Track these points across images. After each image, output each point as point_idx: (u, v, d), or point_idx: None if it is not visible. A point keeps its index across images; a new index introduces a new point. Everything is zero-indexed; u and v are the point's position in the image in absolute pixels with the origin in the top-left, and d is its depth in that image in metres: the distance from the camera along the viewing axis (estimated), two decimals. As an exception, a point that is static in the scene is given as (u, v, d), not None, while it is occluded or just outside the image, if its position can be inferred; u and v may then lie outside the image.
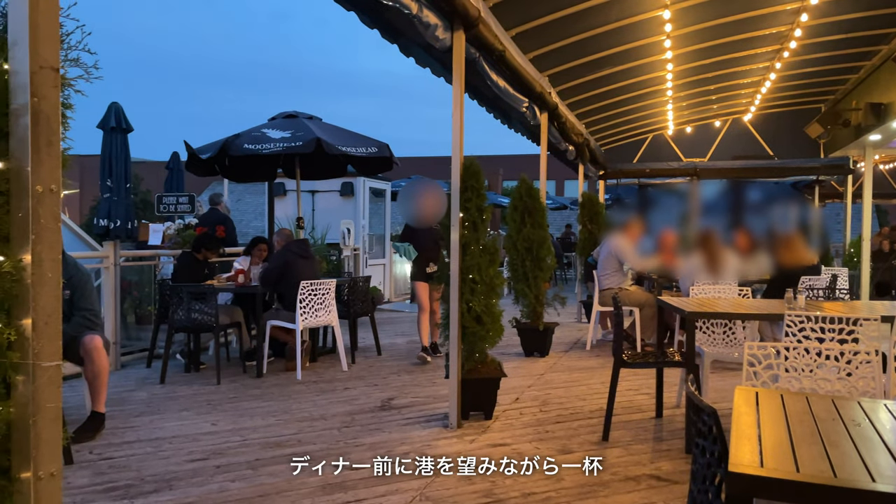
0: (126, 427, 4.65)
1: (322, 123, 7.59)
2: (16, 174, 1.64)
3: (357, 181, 11.71)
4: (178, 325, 6.35)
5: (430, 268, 6.94)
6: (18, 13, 1.63)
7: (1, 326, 1.59)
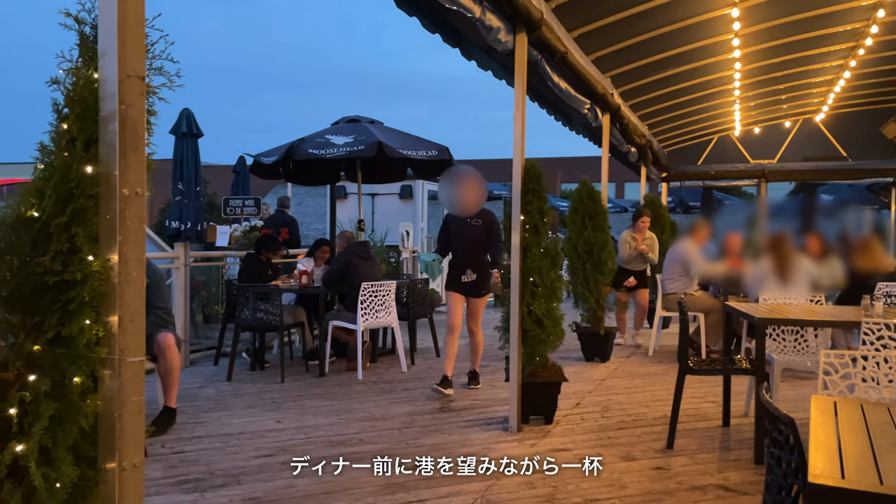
0: (196, 422, 4.81)
1: (383, 127, 7.70)
2: (105, 178, 1.72)
3: (416, 184, 11.81)
4: (245, 325, 6.53)
5: (466, 276, 5.56)
6: (108, 25, 1.71)
7: (90, 323, 1.67)
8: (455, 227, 5.68)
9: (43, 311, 1.64)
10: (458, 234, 5.65)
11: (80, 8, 1.74)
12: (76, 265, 1.65)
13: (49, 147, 1.73)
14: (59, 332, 1.64)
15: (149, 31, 1.80)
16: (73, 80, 1.72)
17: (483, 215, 5.59)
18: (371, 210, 11.79)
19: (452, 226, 5.71)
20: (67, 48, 1.77)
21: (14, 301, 1.64)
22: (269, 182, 19.21)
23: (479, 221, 5.58)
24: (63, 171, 1.66)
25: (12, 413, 1.58)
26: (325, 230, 18.40)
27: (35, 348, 1.64)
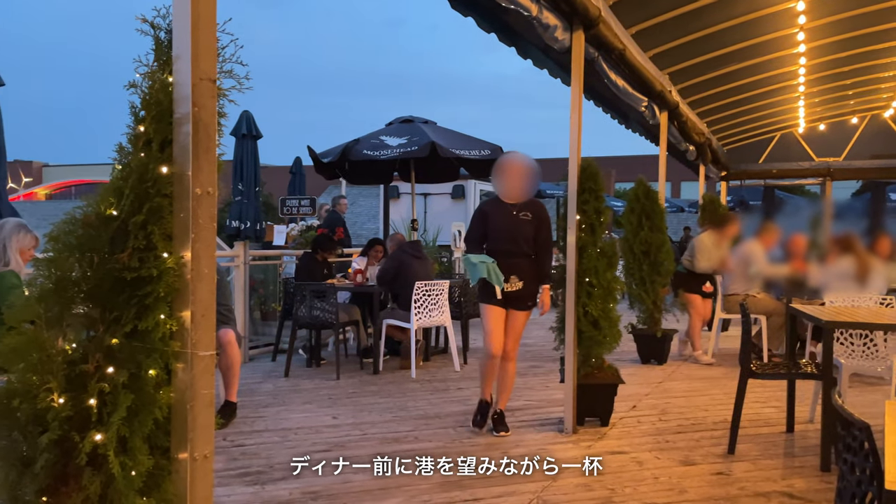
0: (255, 416, 4.92)
1: (437, 127, 7.74)
2: (178, 178, 1.78)
3: (468, 184, 11.83)
4: (301, 322, 6.65)
5: (510, 283, 4.31)
6: (182, 30, 1.77)
7: (164, 318, 1.73)
8: (496, 220, 4.37)
9: (121, 306, 1.71)
10: (500, 229, 4.35)
11: (156, 14, 1.81)
12: (152, 262, 1.71)
13: (126, 148, 1.80)
14: (136, 326, 1.70)
15: (219, 35, 1.85)
16: (149, 84, 1.79)
17: (534, 208, 4.43)
18: (423, 210, 11.87)
19: (493, 218, 4.38)
20: (143, 52, 1.84)
21: (94, 296, 1.72)
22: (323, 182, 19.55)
23: (529, 215, 4.36)
24: (140, 172, 1.72)
25: (92, 403, 1.65)
26: (377, 230, 18.59)
27: (113, 341, 1.71)
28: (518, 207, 4.38)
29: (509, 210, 4.38)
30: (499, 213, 4.42)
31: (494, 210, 4.46)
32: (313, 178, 12.35)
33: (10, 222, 4.09)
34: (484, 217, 4.47)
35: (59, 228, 1.73)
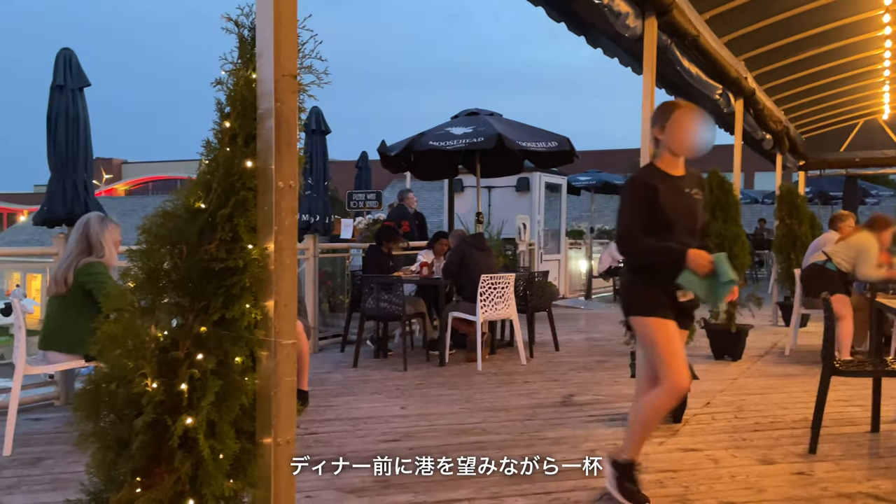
0: (326, 406, 5.03)
1: (503, 119, 7.71)
2: (262, 172, 1.83)
3: (533, 176, 11.73)
4: (369, 314, 6.76)
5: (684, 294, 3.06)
6: (265, 28, 1.82)
7: (249, 307, 1.79)
8: (668, 200, 3.00)
9: (209, 295, 1.77)
10: (675, 214, 3.02)
11: (240, 12, 1.86)
12: (238, 253, 1.77)
13: (213, 143, 1.86)
14: (224, 315, 1.76)
15: (299, 31, 1.89)
16: (234, 81, 1.84)
17: (700, 182, 3.23)
18: (487, 203, 11.83)
19: (663, 196, 3.00)
20: (228, 50, 1.90)
21: (183, 285, 1.79)
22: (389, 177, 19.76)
23: (700, 193, 3.16)
24: (227, 166, 1.78)
25: (183, 388, 1.72)
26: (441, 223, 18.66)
27: (202, 329, 1.77)
28: (686, 181, 3.11)
29: (679, 186, 3.07)
30: (669, 190, 3.01)
31: (663, 185, 3.01)
32: (379, 173, 12.50)
33: (93, 217, 4.31)
34: (652, 194, 2.99)
35: (151, 221, 1.81)
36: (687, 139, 3.03)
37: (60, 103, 5.09)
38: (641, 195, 3.02)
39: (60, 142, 5.08)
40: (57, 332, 4.19)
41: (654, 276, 3.06)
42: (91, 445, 1.74)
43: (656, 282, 3.05)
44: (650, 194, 2.99)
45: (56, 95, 5.10)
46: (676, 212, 3.01)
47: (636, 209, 3.02)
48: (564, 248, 12.75)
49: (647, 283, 3.09)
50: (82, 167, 5.18)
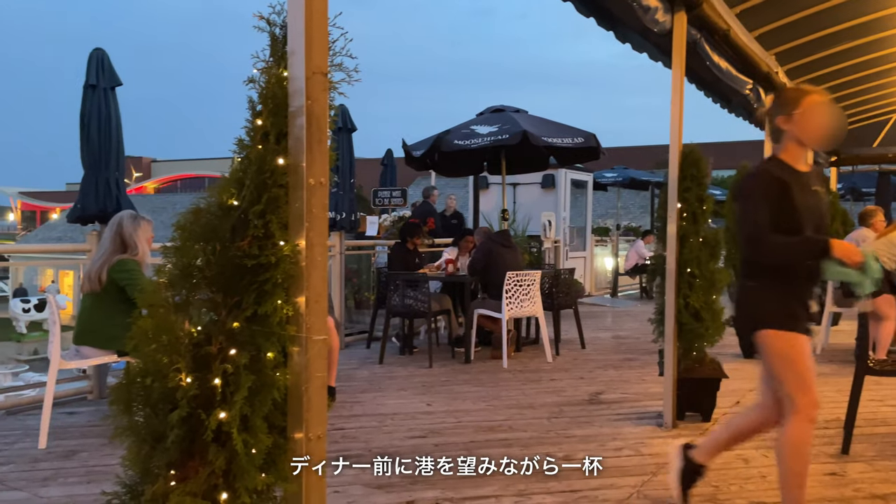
0: (353, 401, 5.06)
1: (528, 116, 7.67)
2: (293, 169, 1.84)
3: (558, 173, 11.67)
4: (395, 311, 6.78)
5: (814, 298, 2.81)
6: (296, 26, 1.83)
7: (281, 303, 1.80)
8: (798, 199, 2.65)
9: (241, 291, 1.79)
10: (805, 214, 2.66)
11: (271, 11, 1.87)
12: (270, 249, 1.79)
13: (245, 141, 1.88)
14: (256, 311, 1.78)
15: (330, 29, 1.90)
16: (265, 79, 1.86)
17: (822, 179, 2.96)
18: (512, 200, 11.80)
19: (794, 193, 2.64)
20: (257, 49, 1.91)
21: (217, 281, 1.81)
22: (413, 174, 19.79)
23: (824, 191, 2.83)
24: (259, 163, 1.80)
25: (217, 383, 1.75)
26: (466, 220, 18.63)
27: (234, 325, 1.79)
28: (812, 178, 2.77)
29: (807, 182, 2.72)
30: (799, 188, 2.67)
31: (793, 182, 2.66)
32: (404, 170, 12.52)
33: (126, 215, 4.38)
34: (781, 191, 2.64)
35: (185, 218, 1.83)
36: (823, 129, 2.70)
37: (93, 102, 5.18)
38: (770, 191, 2.63)
39: (93, 140, 5.17)
40: (91, 327, 4.27)
41: (789, 282, 2.69)
42: (127, 439, 1.77)
43: (791, 289, 2.70)
44: (780, 191, 2.62)
45: (89, 95, 5.19)
46: (806, 212, 2.64)
47: (765, 206, 2.62)
48: (590, 245, 12.67)
49: (782, 290, 2.70)
50: (114, 165, 5.27)
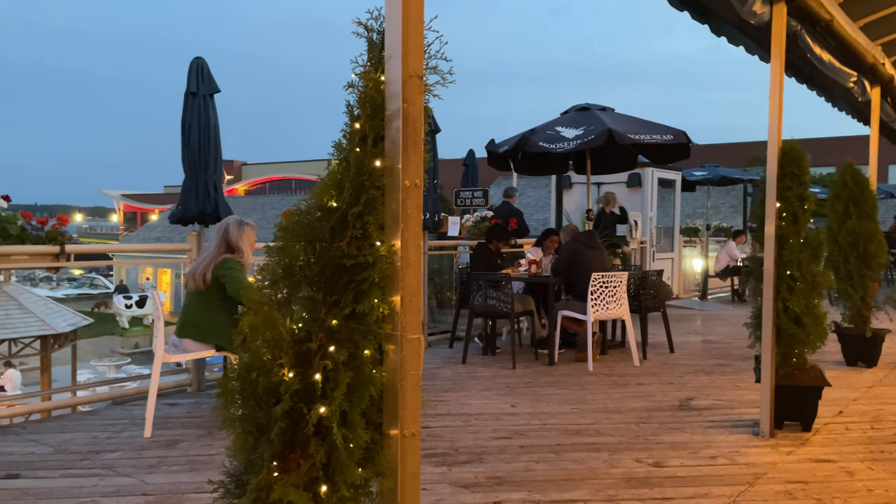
0: (437, 400, 5.11)
1: (615, 114, 7.52)
2: (389, 171, 1.88)
3: (645, 172, 11.38)
4: (477, 311, 6.80)
5: None
6: (393, 31, 1.87)
7: (378, 302, 1.85)
8: None
9: (340, 290, 1.84)
10: None
11: (369, 16, 1.92)
12: (367, 249, 1.83)
13: (342, 144, 1.93)
14: (354, 309, 1.83)
15: (425, 32, 1.93)
16: (363, 83, 1.90)
17: None
18: (596, 200, 11.59)
19: None
20: (357, 54, 1.96)
21: (317, 280, 1.87)
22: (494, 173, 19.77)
23: None
24: (357, 166, 1.85)
25: (317, 379, 1.80)
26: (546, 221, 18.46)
27: (333, 322, 1.85)
28: None
29: None
30: None
31: None
32: (485, 170, 12.53)
33: (232, 221, 4.60)
34: None
35: (288, 219, 1.90)
36: None
37: (193, 109, 5.44)
38: None
39: (193, 145, 5.43)
40: (193, 321, 4.49)
41: None
42: (233, 430, 1.85)
43: None
44: None
45: (190, 102, 5.46)
46: None
47: None
48: (678, 246, 12.30)
49: None
50: (213, 168, 5.52)
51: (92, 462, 3.76)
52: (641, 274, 7.22)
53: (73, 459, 3.80)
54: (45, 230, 5.01)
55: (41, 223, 5.04)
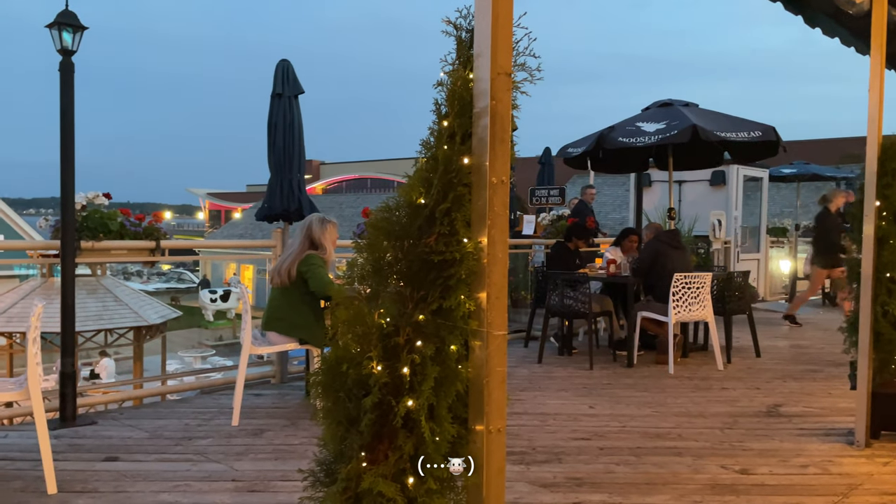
0: (514, 399, 5.10)
1: (699, 110, 7.30)
2: (477, 168, 1.89)
3: (729, 169, 11.00)
4: (553, 311, 6.74)
5: None
6: (482, 28, 1.88)
7: (464, 298, 1.86)
8: None
9: (428, 286, 1.87)
10: None
11: (458, 15, 1.94)
12: (454, 246, 1.85)
13: (430, 142, 1.96)
14: (441, 305, 1.85)
15: (514, 29, 1.93)
16: (452, 81, 1.92)
17: None
18: (678, 198, 11.29)
19: None
20: (445, 53, 1.98)
21: (405, 276, 1.90)
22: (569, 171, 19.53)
23: None
24: (446, 163, 1.87)
25: (405, 372, 1.83)
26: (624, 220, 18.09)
27: (420, 318, 1.87)
28: None
29: None
30: None
31: None
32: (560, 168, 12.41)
33: (315, 218, 4.75)
34: None
35: (377, 216, 1.94)
36: None
37: (279, 110, 5.63)
38: None
39: (279, 145, 5.62)
40: (278, 315, 4.65)
41: None
42: (324, 421, 1.91)
43: None
44: None
45: (275, 103, 5.65)
46: None
47: None
48: (765, 246, 11.82)
49: None
50: (297, 167, 5.70)
51: (184, 448, 3.94)
52: (726, 275, 6.99)
53: (166, 445, 4.00)
54: (142, 226, 5.30)
55: (139, 219, 5.33)
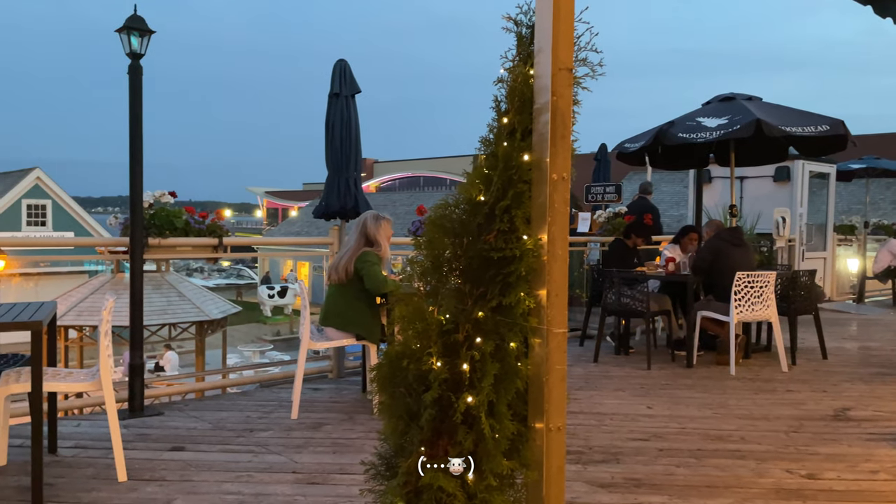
0: (571, 398, 4.93)
1: (762, 104, 7.07)
2: (537, 165, 1.89)
3: (794, 165, 10.62)
4: (610, 309, 6.64)
5: None
6: (544, 24, 1.87)
7: (524, 295, 1.86)
8: None
9: (487, 283, 1.87)
10: None
11: (518, 11, 1.93)
12: (514, 243, 1.85)
13: (489, 139, 1.96)
14: (500, 302, 1.85)
15: (575, 24, 1.91)
16: (512, 78, 1.92)
17: None
18: (739, 194, 10.96)
19: None
20: (505, 49, 1.98)
21: (465, 273, 1.91)
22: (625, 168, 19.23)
23: None
24: (506, 160, 1.87)
25: (465, 368, 1.84)
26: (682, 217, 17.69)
27: (480, 314, 1.88)
28: None
29: None
30: None
31: None
32: (616, 164, 12.21)
33: (369, 216, 4.80)
34: None
35: (437, 213, 1.95)
36: None
37: (336, 109, 5.71)
38: None
39: (336, 144, 5.70)
40: (335, 310, 4.73)
41: None
42: (385, 415, 1.93)
43: None
44: None
45: (333, 102, 5.73)
46: None
47: None
48: (831, 244, 11.39)
49: None
50: (353, 166, 5.77)
51: (246, 439, 4.05)
52: (791, 274, 6.76)
53: (229, 436, 4.12)
54: (205, 224, 5.46)
55: (202, 217, 5.49)
